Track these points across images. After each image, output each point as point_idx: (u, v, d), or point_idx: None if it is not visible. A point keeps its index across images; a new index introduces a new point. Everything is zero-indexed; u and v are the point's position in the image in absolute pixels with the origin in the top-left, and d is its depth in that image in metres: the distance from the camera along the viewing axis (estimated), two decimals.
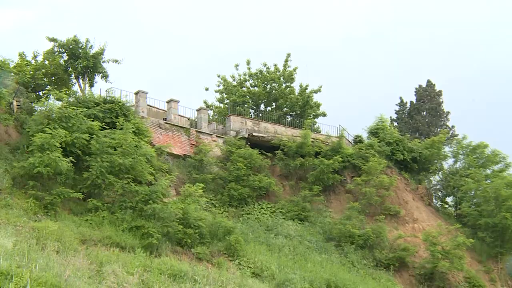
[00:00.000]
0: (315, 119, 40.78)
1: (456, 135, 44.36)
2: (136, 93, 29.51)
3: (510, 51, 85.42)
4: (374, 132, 35.25)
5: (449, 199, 36.84)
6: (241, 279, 20.13)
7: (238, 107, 38.00)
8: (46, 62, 28.57)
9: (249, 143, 31.54)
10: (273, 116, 37.62)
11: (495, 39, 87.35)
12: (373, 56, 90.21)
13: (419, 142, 36.02)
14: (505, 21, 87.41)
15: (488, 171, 35.19)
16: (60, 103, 24.32)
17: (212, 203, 27.65)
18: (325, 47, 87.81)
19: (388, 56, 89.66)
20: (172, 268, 18.34)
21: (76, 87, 29.14)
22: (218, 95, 41.74)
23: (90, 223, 20.39)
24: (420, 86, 50.25)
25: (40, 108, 23.68)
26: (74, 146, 22.12)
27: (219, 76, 41.64)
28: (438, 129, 45.92)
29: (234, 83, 41.44)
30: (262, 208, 29.06)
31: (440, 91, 49.94)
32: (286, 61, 40.78)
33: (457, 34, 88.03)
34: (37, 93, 27.74)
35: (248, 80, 41.25)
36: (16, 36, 71.20)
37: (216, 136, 31.46)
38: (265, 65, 40.69)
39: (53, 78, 28.63)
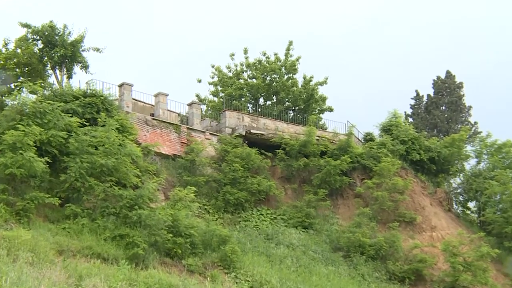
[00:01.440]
0: (321, 115, 40.84)
1: (479, 133, 44.35)
2: (120, 86, 29.48)
3: None
4: (386, 129, 35.26)
5: (471, 204, 36.81)
6: None
7: (234, 101, 38.00)
8: (19, 50, 28.46)
9: (246, 142, 31.53)
10: (273, 111, 37.60)
11: None
12: (384, 46, 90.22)
13: (438, 140, 36.03)
14: None
15: None
16: (34, 96, 24.23)
17: (205, 209, 27.63)
18: (329, 37, 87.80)
19: (402, 46, 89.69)
20: (161, 282, 18.28)
21: (52, 79, 29.09)
22: (212, 88, 41.82)
23: (68, 232, 20.31)
24: (438, 77, 50.29)
25: (12, 102, 23.57)
26: (50, 145, 22.01)
27: (213, 67, 41.72)
28: (459, 126, 45.94)
29: (230, 74, 41.42)
30: (262, 214, 29.05)
31: (461, 83, 50.00)
32: (288, 50, 40.79)
33: (480, 21, 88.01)
34: (8, 86, 27.64)
35: (246, 71, 41.23)
36: None
37: (210, 133, 31.44)
38: (264, 54, 40.71)
39: (26, 68, 28.51)
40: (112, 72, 56.99)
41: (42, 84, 25.54)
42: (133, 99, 30.72)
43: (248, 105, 40.24)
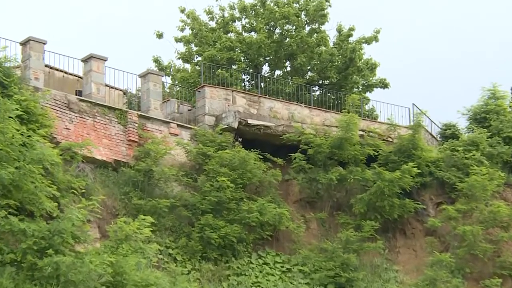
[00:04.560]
0: (367, 93, 40.72)
1: None
2: (24, 44, 29.50)
3: None
4: (480, 119, 35.48)
5: None
6: None
7: (219, 70, 37.89)
8: None
9: (240, 139, 31.67)
10: (286, 87, 37.57)
11: None
12: None
13: None
14: None
15: None
16: None
17: (170, 254, 27.64)
18: None
19: None
20: None
21: None
22: (182, 48, 41.76)
23: None
24: None
25: None
26: None
27: (183, 12, 41.70)
28: None
29: (212, 24, 41.55)
30: (266, 263, 29.20)
31: None
32: None
33: None
34: None
35: (239, 19, 41.35)
36: None
37: (178, 125, 31.45)
38: None
39: None
40: (11, 21, 56.82)
41: None
42: (47, 66, 30.81)
43: (244, 76, 40.33)
